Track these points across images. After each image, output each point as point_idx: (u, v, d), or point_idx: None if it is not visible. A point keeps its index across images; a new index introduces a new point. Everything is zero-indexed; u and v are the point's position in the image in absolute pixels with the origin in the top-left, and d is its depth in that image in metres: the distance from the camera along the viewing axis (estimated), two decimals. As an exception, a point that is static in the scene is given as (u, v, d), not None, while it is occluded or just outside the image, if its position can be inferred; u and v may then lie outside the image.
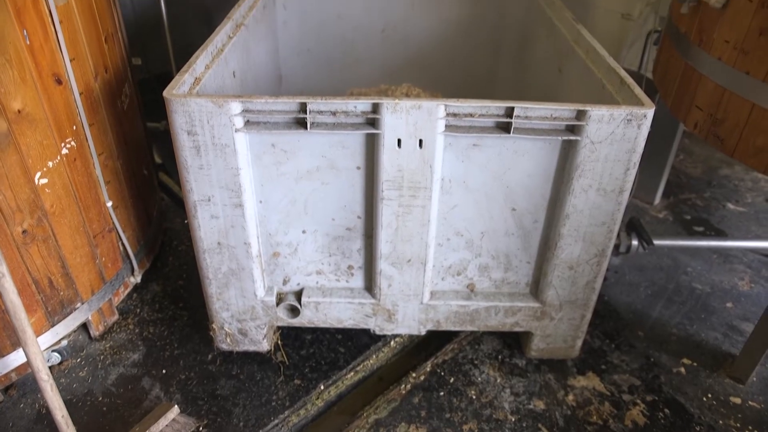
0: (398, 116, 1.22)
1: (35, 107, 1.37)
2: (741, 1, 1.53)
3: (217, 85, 1.48)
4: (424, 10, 2.22)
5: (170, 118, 1.25)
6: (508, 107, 1.23)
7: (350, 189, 1.37)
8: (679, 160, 2.78)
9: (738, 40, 1.56)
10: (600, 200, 1.37)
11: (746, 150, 1.61)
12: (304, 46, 2.28)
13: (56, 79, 1.42)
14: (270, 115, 1.25)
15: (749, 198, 2.54)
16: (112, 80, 1.67)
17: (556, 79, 1.81)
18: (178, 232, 2.18)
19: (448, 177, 1.35)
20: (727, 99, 1.63)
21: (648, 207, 2.44)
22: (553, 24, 1.85)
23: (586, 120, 1.24)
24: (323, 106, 1.22)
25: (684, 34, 1.80)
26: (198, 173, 1.31)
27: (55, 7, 1.37)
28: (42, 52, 1.37)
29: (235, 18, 1.69)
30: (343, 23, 2.23)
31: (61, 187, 1.50)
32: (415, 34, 2.26)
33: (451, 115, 1.24)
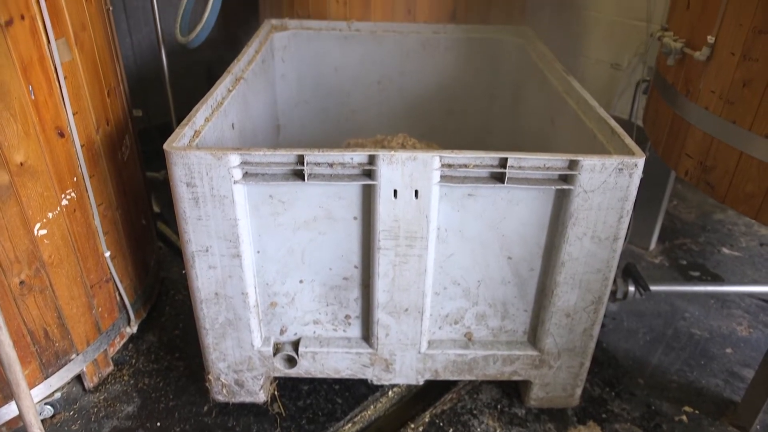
0: (394, 168, 1.24)
1: (37, 160, 1.40)
2: (724, 54, 1.58)
3: (217, 137, 1.51)
4: (419, 62, 2.29)
5: (170, 170, 1.27)
6: (502, 158, 1.26)
7: (347, 239, 1.38)
8: (673, 206, 2.81)
9: (723, 91, 1.60)
10: (595, 248, 1.38)
11: (737, 196, 1.63)
12: (302, 98, 2.33)
13: (59, 133, 1.45)
14: (268, 167, 1.27)
15: (743, 242, 2.56)
16: (113, 132, 1.70)
17: (549, 129, 1.85)
18: (175, 281, 2.18)
19: (444, 226, 1.37)
20: (715, 147, 1.66)
21: (644, 253, 2.45)
22: (545, 76, 1.91)
23: (579, 170, 1.27)
24: (320, 158, 1.25)
25: (671, 85, 1.85)
26: (196, 224, 1.32)
27: (61, 63, 1.41)
28: (46, 107, 1.40)
29: (235, 72, 1.74)
30: (340, 75, 2.30)
31: (59, 238, 1.51)
32: (410, 85, 2.32)
33: (446, 166, 1.27)
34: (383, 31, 2.25)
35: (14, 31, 1.28)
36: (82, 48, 1.52)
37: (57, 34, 1.40)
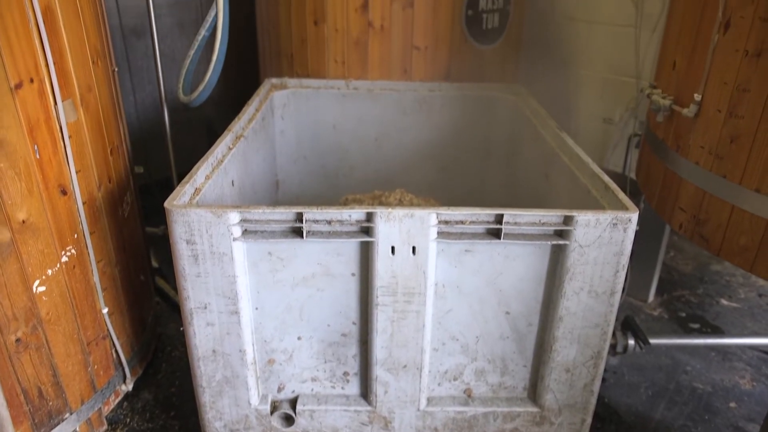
0: (392, 224, 1.26)
1: (39, 217, 1.41)
2: (711, 111, 1.63)
3: (217, 194, 1.53)
4: (416, 119, 2.35)
5: (170, 227, 1.29)
6: (498, 214, 1.28)
7: (345, 295, 1.39)
8: (670, 257, 2.82)
9: (712, 147, 1.64)
10: (592, 302, 1.39)
11: (731, 249, 1.65)
12: (301, 154, 2.38)
13: (61, 190, 1.48)
14: (267, 224, 1.29)
15: (742, 293, 2.56)
16: (114, 189, 1.73)
17: (544, 184, 1.89)
18: (171, 337, 2.16)
19: (442, 282, 1.37)
20: (707, 201, 1.69)
21: (642, 305, 2.45)
22: (538, 132, 1.95)
23: (574, 225, 1.29)
24: (319, 216, 1.27)
25: (662, 140, 1.90)
26: (195, 281, 1.33)
27: (66, 123, 1.45)
28: (50, 165, 1.43)
29: (235, 130, 1.78)
30: (338, 132, 2.35)
31: (58, 295, 1.51)
32: (407, 142, 2.38)
33: (443, 222, 1.28)
34: (380, 90, 2.32)
35: (23, 93, 1.32)
36: (88, 108, 1.56)
37: (64, 95, 1.44)
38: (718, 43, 1.59)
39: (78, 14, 1.50)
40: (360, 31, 2.34)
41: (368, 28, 2.34)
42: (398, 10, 2.31)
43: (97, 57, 1.63)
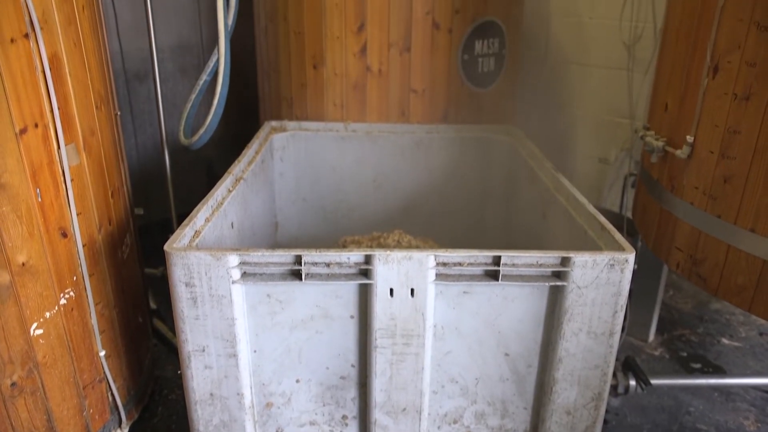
0: (390, 267, 1.27)
1: (39, 260, 1.42)
2: (703, 153, 1.66)
3: (216, 236, 1.54)
4: (414, 160, 2.38)
5: (169, 270, 1.29)
6: (495, 256, 1.29)
7: (344, 337, 1.39)
8: (669, 296, 2.82)
9: (706, 187, 1.66)
10: (591, 343, 1.38)
11: (729, 289, 1.66)
12: (300, 195, 2.40)
13: (62, 233, 1.49)
14: (266, 267, 1.29)
15: (743, 332, 2.55)
16: (114, 232, 1.74)
17: (541, 225, 1.90)
18: (169, 380, 2.14)
19: (441, 324, 1.37)
20: (703, 240, 1.70)
21: (643, 345, 2.44)
22: (535, 173, 1.98)
23: (571, 266, 1.30)
24: (318, 258, 1.28)
25: (657, 181, 1.92)
26: (194, 324, 1.33)
27: (69, 167, 1.47)
28: (51, 208, 1.44)
29: (235, 173, 1.81)
30: (337, 174, 2.38)
31: (55, 338, 1.50)
32: (405, 183, 2.40)
33: (441, 264, 1.29)
34: (379, 132, 2.36)
35: (27, 138, 1.34)
36: (90, 152, 1.58)
37: (67, 140, 1.47)
38: (708, 87, 1.62)
39: (84, 61, 1.53)
40: (358, 75, 2.40)
41: (366, 72, 2.39)
42: (396, 55, 2.37)
43: (101, 102, 1.66)
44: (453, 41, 2.41)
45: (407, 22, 2.33)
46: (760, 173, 1.52)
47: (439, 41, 2.39)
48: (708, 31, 1.61)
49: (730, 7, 1.53)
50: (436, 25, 2.37)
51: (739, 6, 1.51)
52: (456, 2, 2.36)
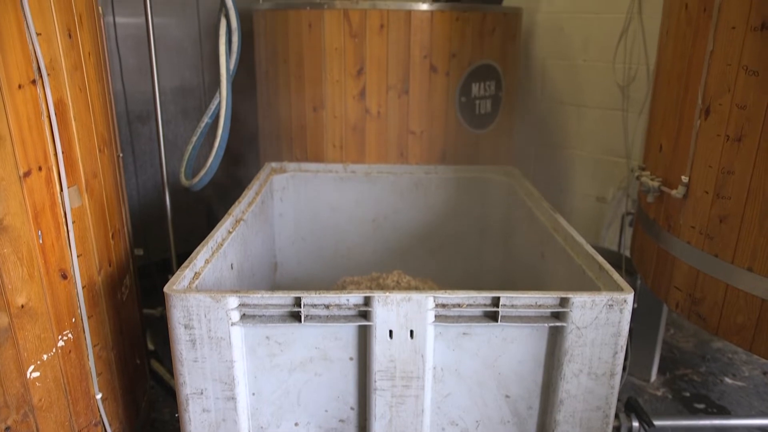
0: (389, 308, 1.27)
1: (38, 302, 1.42)
2: (699, 192, 1.68)
3: (216, 278, 1.55)
4: (412, 200, 2.40)
5: (169, 312, 1.29)
6: (494, 297, 1.30)
7: (343, 380, 1.38)
8: (670, 335, 2.80)
9: (702, 226, 1.68)
10: (592, 384, 1.37)
11: (729, 328, 1.65)
12: (299, 235, 2.41)
13: (62, 275, 1.49)
14: (265, 309, 1.30)
15: (746, 371, 2.52)
16: (114, 273, 1.74)
17: (539, 264, 1.91)
18: (165, 422, 2.11)
19: (440, 366, 1.37)
20: (702, 280, 1.71)
21: (645, 385, 2.41)
22: (533, 213, 2.00)
23: (570, 307, 1.30)
24: (317, 300, 1.28)
25: (653, 220, 1.94)
26: (192, 366, 1.32)
27: (70, 209, 1.48)
28: (52, 250, 1.45)
29: (235, 214, 1.82)
30: (337, 214, 2.40)
31: (52, 381, 1.49)
32: (404, 222, 2.42)
33: (440, 306, 1.30)
34: (377, 173, 2.39)
35: (31, 181, 1.36)
36: (92, 194, 1.60)
37: (70, 182, 1.48)
38: (701, 128, 1.66)
39: (88, 106, 1.56)
40: (357, 117, 2.44)
41: (365, 114, 2.44)
42: (394, 98, 2.42)
43: (104, 145, 1.69)
44: (450, 84, 2.46)
45: (405, 66, 2.39)
46: (755, 213, 1.53)
47: (436, 84, 2.44)
48: (698, 75, 1.65)
49: (719, 52, 1.57)
50: (433, 69, 2.42)
51: (727, 51, 1.55)
52: (453, 46, 2.42)
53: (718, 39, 1.57)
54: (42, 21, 1.36)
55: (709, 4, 1.61)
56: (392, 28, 2.35)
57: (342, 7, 2.36)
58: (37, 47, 1.33)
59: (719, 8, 1.56)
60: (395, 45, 2.37)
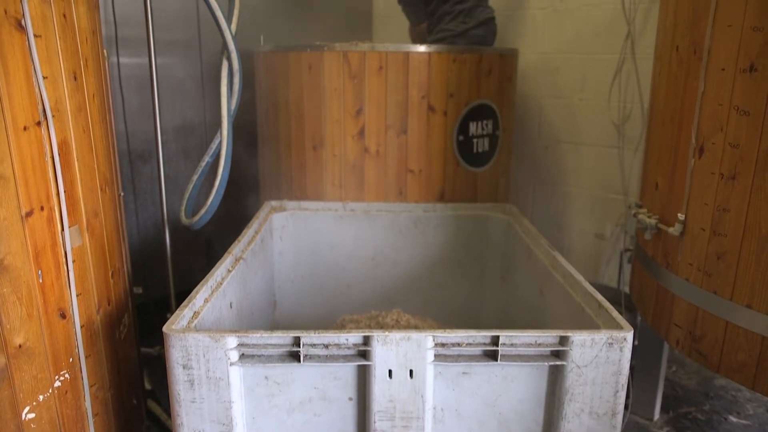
0: (389, 348, 1.27)
1: (36, 341, 1.41)
2: (695, 230, 1.69)
3: (215, 317, 1.54)
4: (411, 238, 2.41)
5: (167, 352, 1.29)
6: (494, 336, 1.29)
7: (342, 420, 1.36)
8: (672, 372, 2.78)
9: (700, 264, 1.69)
10: (594, 424, 1.36)
11: (730, 366, 1.64)
12: (299, 273, 2.42)
13: (61, 314, 1.49)
14: (264, 349, 1.29)
15: (750, 409, 2.49)
16: (113, 312, 1.74)
17: (538, 302, 1.91)
18: (161, 465, 2.07)
19: (440, 405, 1.35)
20: (701, 317, 1.70)
21: (649, 424, 2.38)
22: (531, 251, 2.00)
23: (570, 345, 1.30)
24: (316, 339, 1.28)
25: (652, 257, 1.94)
26: (190, 407, 1.31)
27: (71, 248, 1.49)
28: (52, 290, 1.45)
29: (235, 252, 1.83)
30: (336, 252, 2.41)
31: (47, 422, 1.47)
32: (403, 260, 2.43)
33: (440, 345, 1.29)
34: (377, 211, 2.41)
35: (33, 220, 1.37)
36: (93, 233, 1.61)
37: (71, 222, 1.49)
38: (695, 167, 1.68)
39: (91, 146, 1.59)
40: (357, 156, 2.48)
41: (364, 153, 2.47)
42: (393, 137, 2.46)
43: (105, 184, 1.71)
44: (448, 123, 2.50)
45: (404, 106, 2.43)
46: (751, 250, 1.54)
47: (434, 123, 2.48)
48: (691, 114, 1.69)
49: (710, 92, 1.61)
50: (431, 108, 2.46)
51: (718, 91, 1.58)
52: (450, 86, 2.47)
53: (709, 80, 1.61)
54: (49, 65, 1.39)
55: (698, 46, 1.65)
56: (391, 69, 2.41)
57: (341, 49, 2.42)
58: (43, 90, 1.36)
59: (708, 51, 1.60)
60: (394, 85, 2.42)
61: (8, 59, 1.28)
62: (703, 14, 1.63)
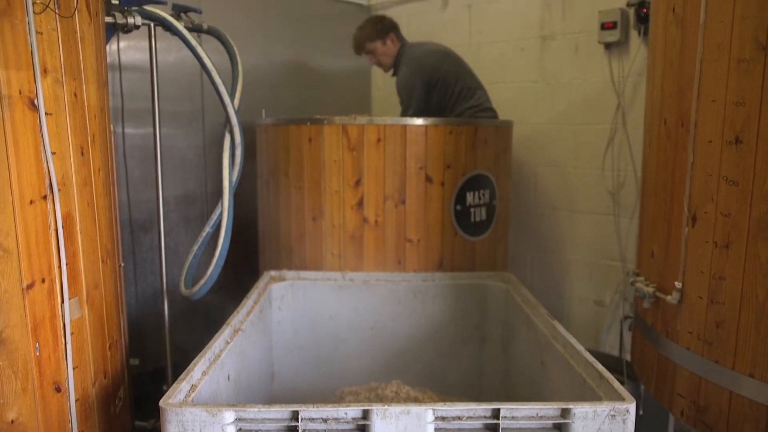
0: (388, 422, 1.25)
1: (29, 417, 1.39)
2: (693, 298, 1.70)
3: (212, 390, 1.52)
4: (410, 308, 2.41)
5: (163, 426, 1.27)
6: (494, 409, 1.28)
7: (341, 498, 1.32)
8: (680, 445, 2.70)
9: (700, 332, 1.68)
10: (600, 501, 1.32)
11: (738, 438, 1.61)
12: (297, 344, 2.40)
13: (56, 388, 1.47)
14: (262, 423, 1.27)
15: (762, 486, 2.40)
16: (109, 385, 1.71)
17: (539, 372, 1.89)
18: None
19: (441, 482, 1.32)
20: (704, 387, 1.68)
21: (658, 501, 2.29)
22: (531, 320, 2.00)
23: (572, 418, 1.28)
24: (315, 414, 1.26)
25: (651, 326, 1.94)
26: (184, 486, 1.27)
27: (70, 320, 1.49)
28: (48, 363, 1.44)
29: (234, 324, 1.82)
30: (335, 322, 2.40)
31: (36, 503, 1.42)
32: (402, 330, 2.41)
33: (440, 418, 1.27)
34: (376, 281, 2.42)
35: (33, 293, 1.38)
36: (92, 305, 1.61)
37: (72, 294, 1.50)
38: (689, 235, 1.70)
39: (95, 219, 1.62)
40: (355, 226, 2.51)
41: (363, 223, 2.50)
42: (391, 207, 2.50)
43: (107, 256, 1.72)
44: (445, 193, 2.55)
45: (402, 177, 2.49)
46: (750, 318, 1.55)
47: (432, 194, 2.53)
48: (682, 184, 1.73)
49: (699, 163, 1.66)
50: (428, 179, 2.52)
51: (706, 162, 1.63)
52: (447, 157, 2.53)
53: (698, 151, 1.66)
54: (58, 141, 1.44)
55: (686, 119, 1.71)
56: (389, 141, 2.48)
57: (341, 122, 2.49)
58: (51, 165, 1.40)
59: (695, 124, 1.66)
60: (392, 157, 2.48)
61: (19, 136, 1.32)
62: (687, 89, 1.70)
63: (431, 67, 3.05)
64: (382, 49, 3.19)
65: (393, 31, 3.19)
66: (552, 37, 3.34)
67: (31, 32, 1.32)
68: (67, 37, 1.47)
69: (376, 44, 3.18)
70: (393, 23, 3.22)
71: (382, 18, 3.26)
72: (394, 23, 3.23)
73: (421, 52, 3.15)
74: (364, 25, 3.25)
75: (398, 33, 3.22)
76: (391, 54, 3.19)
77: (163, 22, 2.13)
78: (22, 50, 1.32)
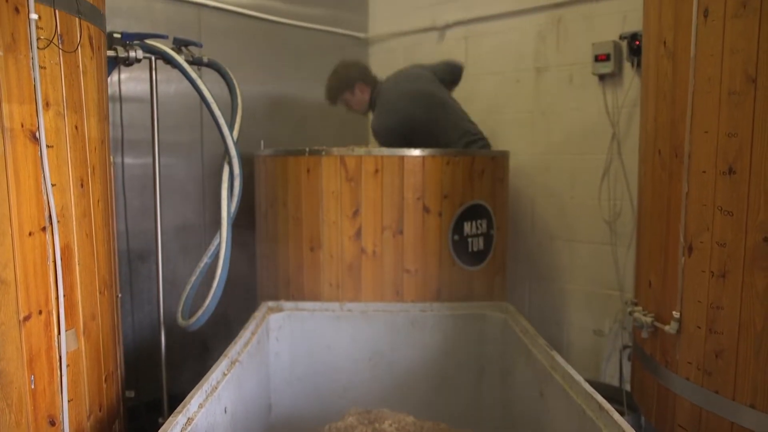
0: (386, 455, 1.24)
1: (22, 452, 1.37)
2: (691, 327, 1.70)
3: (209, 422, 1.51)
4: (408, 338, 2.40)
5: (158, 461, 1.25)
6: (493, 441, 1.26)
7: None
8: (683, 478, 2.66)
9: (699, 362, 1.67)
10: None
11: (741, 471, 1.59)
12: (295, 375, 2.38)
13: (50, 421, 1.45)
14: (259, 457, 1.26)
15: None
16: (104, 418, 1.69)
17: (539, 403, 1.87)
18: None
19: None
20: (706, 418, 1.67)
21: None
22: (530, 351, 1.99)
23: (572, 450, 1.27)
24: (312, 446, 1.25)
25: (650, 355, 1.93)
26: None
27: (66, 352, 1.48)
28: (43, 395, 1.42)
29: (231, 355, 1.81)
30: (333, 353, 2.38)
31: None
32: (400, 361, 2.40)
33: (438, 451, 1.26)
34: (374, 311, 2.41)
35: (30, 325, 1.37)
36: (89, 337, 1.60)
37: (68, 325, 1.49)
38: (686, 265, 1.71)
39: (93, 251, 1.62)
40: (353, 256, 2.51)
41: (361, 254, 2.51)
42: (389, 238, 2.51)
43: (105, 287, 1.72)
44: (443, 223, 2.56)
45: (399, 207, 2.50)
46: (749, 347, 1.54)
47: (429, 224, 2.54)
48: (678, 214, 1.74)
49: (694, 193, 1.67)
50: (426, 209, 2.53)
51: (701, 192, 1.65)
52: (444, 188, 2.55)
53: (692, 182, 1.68)
54: (58, 173, 1.45)
55: (679, 150, 1.73)
56: (386, 172, 2.50)
57: (339, 154, 2.52)
58: (51, 197, 1.41)
59: (689, 155, 1.68)
60: (389, 188, 2.50)
61: (20, 168, 1.33)
62: (680, 120, 1.73)
63: (401, 119, 2.98)
64: (352, 98, 3.19)
65: (360, 80, 3.15)
66: (547, 68, 3.39)
67: (35, 67, 1.35)
68: (70, 71, 1.49)
69: (346, 95, 3.18)
70: (360, 70, 3.20)
71: (347, 66, 3.23)
72: (362, 69, 3.21)
73: (394, 97, 3.05)
74: (331, 76, 3.22)
75: (367, 79, 3.17)
76: (363, 101, 3.18)
77: (164, 55, 2.16)
78: (25, 84, 1.34)
